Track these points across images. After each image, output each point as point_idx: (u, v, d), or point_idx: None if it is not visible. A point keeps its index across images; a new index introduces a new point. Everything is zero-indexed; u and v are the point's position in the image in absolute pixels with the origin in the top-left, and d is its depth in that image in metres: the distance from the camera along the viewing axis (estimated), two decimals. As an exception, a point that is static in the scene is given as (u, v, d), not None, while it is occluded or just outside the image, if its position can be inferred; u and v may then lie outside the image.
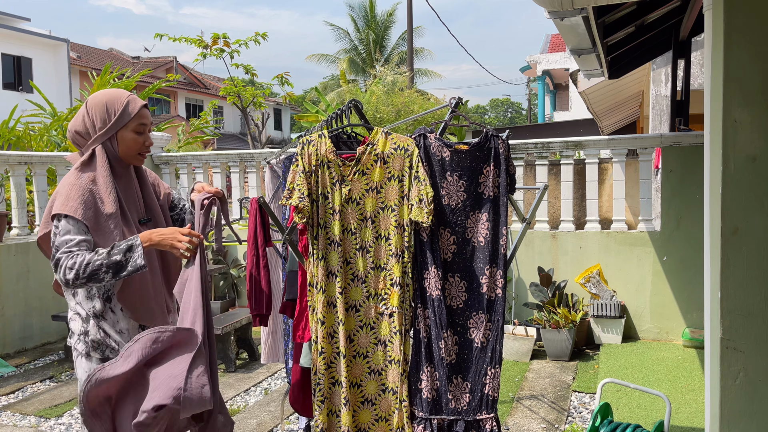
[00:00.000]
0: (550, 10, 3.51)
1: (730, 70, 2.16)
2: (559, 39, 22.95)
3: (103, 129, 2.14)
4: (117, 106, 2.16)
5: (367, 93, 13.07)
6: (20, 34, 23.33)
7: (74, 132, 2.17)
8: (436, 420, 2.58)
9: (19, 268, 5.71)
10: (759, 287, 2.17)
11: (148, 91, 9.69)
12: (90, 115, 2.15)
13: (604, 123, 13.92)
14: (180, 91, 29.95)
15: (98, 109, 2.15)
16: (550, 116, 26.73)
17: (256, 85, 14.41)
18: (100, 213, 2.10)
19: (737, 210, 2.17)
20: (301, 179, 2.52)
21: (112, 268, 2.01)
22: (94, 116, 2.15)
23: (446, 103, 2.82)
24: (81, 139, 2.17)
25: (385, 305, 2.59)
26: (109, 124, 2.14)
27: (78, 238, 2.03)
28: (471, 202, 2.59)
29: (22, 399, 4.50)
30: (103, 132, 2.14)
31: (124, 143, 2.18)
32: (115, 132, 2.16)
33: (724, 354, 2.20)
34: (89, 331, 2.16)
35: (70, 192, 2.06)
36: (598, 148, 5.81)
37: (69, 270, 1.99)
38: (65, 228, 2.03)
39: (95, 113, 2.15)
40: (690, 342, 5.19)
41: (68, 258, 2.00)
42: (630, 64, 6.42)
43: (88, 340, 2.16)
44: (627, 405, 4.02)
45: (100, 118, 2.14)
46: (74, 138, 2.18)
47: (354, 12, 28.07)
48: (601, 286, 5.49)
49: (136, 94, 9.75)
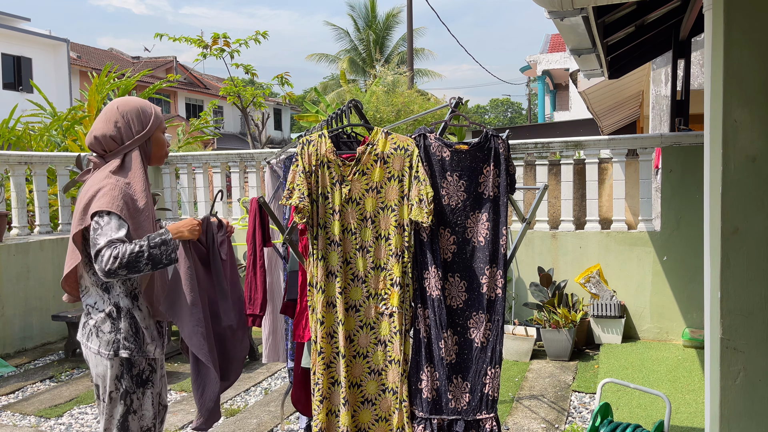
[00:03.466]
0: (550, 10, 3.51)
1: (730, 70, 2.16)
2: (559, 39, 22.95)
3: (141, 132, 2.31)
4: (149, 111, 2.35)
5: (367, 93, 13.07)
6: (20, 34, 23.34)
7: (108, 137, 2.28)
8: (436, 420, 2.58)
9: (19, 268, 5.71)
10: (759, 287, 2.17)
11: (148, 91, 9.68)
12: (126, 120, 2.29)
13: (604, 123, 13.92)
14: (180, 91, 29.95)
15: (134, 114, 2.30)
16: (550, 116, 26.73)
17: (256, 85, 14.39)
18: (138, 211, 2.26)
19: (737, 210, 2.17)
20: (301, 179, 2.52)
21: (151, 260, 2.16)
22: (131, 121, 2.30)
23: (446, 103, 2.82)
24: (113, 144, 2.29)
25: (385, 305, 2.59)
26: (147, 127, 2.32)
27: (121, 233, 2.16)
28: (471, 202, 2.59)
29: (22, 399, 4.50)
30: (141, 135, 2.31)
31: (158, 144, 2.39)
32: (151, 134, 2.35)
33: (724, 354, 2.20)
34: (121, 328, 2.26)
35: (112, 192, 2.19)
36: (598, 148, 5.81)
37: (114, 260, 2.10)
38: (109, 223, 2.16)
39: (131, 118, 2.30)
40: (690, 342, 5.19)
41: (111, 249, 2.11)
42: (630, 64, 6.42)
43: (119, 337, 2.26)
44: (627, 405, 4.02)
45: (137, 122, 2.31)
46: (106, 143, 2.29)
47: (354, 12, 28.09)
48: (601, 286, 5.48)
49: (136, 94, 9.78)
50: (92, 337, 2.28)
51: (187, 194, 7.18)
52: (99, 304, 2.28)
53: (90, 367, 2.33)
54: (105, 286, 2.28)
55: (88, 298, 2.31)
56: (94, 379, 2.33)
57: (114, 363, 2.26)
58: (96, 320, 2.27)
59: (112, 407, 2.28)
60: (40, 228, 6.21)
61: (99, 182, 2.22)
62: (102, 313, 2.27)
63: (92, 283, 2.30)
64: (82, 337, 2.32)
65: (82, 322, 2.34)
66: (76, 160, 6.17)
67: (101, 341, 2.26)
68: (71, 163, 6.44)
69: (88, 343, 2.29)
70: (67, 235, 6.26)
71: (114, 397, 2.28)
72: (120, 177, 2.25)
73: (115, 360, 2.26)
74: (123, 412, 2.28)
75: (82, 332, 2.32)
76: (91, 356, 2.30)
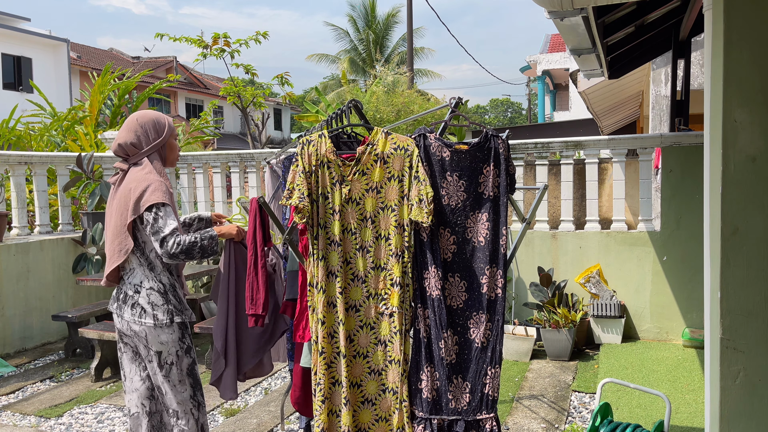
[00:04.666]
0: (550, 10, 3.51)
1: (730, 70, 2.16)
2: (559, 39, 22.95)
3: (158, 139, 2.70)
4: (163, 121, 2.74)
5: (367, 93, 13.07)
6: (20, 34, 23.33)
7: (129, 144, 2.66)
8: (436, 420, 2.58)
9: (19, 268, 5.71)
10: (759, 287, 2.17)
11: (148, 91, 9.68)
12: (144, 130, 2.68)
13: (604, 123, 13.93)
14: (180, 91, 29.94)
15: (151, 125, 2.70)
16: (550, 116, 26.73)
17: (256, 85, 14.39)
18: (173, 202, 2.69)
19: (737, 210, 2.17)
20: (301, 179, 2.52)
21: (202, 250, 2.60)
22: (149, 130, 2.69)
23: (446, 103, 2.83)
24: (133, 149, 2.67)
25: (385, 305, 2.59)
26: (162, 134, 2.71)
27: (177, 222, 2.59)
28: (471, 202, 2.59)
29: (22, 399, 4.50)
30: (158, 141, 2.70)
31: (171, 149, 2.79)
32: (165, 141, 2.73)
33: (724, 354, 2.20)
34: (170, 299, 2.68)
35: (161, 187, 2.59)
36: (598, 148, 5.81)
37: (177, 246, 2.53)
38: (167, 214, 2.57)
39: (149, 128, 2.69)
40: (690, 342, 5.19)
41: (175, 237, 2.54)
42: (630, 64, 6.42)
43: (171, 307, 2.66)
44: (627, 405, 4.02)
45: (153, 131, 2.70)
46: (128, 149, 2.67)
47: (354, 12, 28.09)
48: (601, 286, 5.49)
49: (136, 95, 9.77)
50: (145, 312, 2.63)
51: (187, 194, 7.18)
52: (145, 282, 2.65)
53: (143, 342, 2.66)
54: (151, 266, 2.65)
55: (133, 278, 2.67)
56: (152, 348, 2.65)
57: (174, 328, 2.67)
58: (146, 297, 2.63)
59: (181, 362, 2.70)
60: (40, 228, 6.21)
61: (144, 179, 2.59)
62: (150, 289, 2.64)
63: (138, 264, 2.66)
64: (132, 317, 2.63)
65: (128, 304, 2.65)
66: (76, 160, 6.18)
67: (157, 313, 2.63)
68: (71, 163, 6.44)
69: (141, 320, 2.62)
70: (66, 235, 6.26)
71: (180, 355, 2.69)
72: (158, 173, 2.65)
73: (173, 326, 2.66)
74: (190, 363, 2.75)
75: (131, 313, 2.63)
76: (147, 330, 2.63)
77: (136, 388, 2.78)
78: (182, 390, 2.72)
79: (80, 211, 6.55)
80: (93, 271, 5.98)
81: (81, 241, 6.17)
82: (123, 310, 2.67)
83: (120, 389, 4.63)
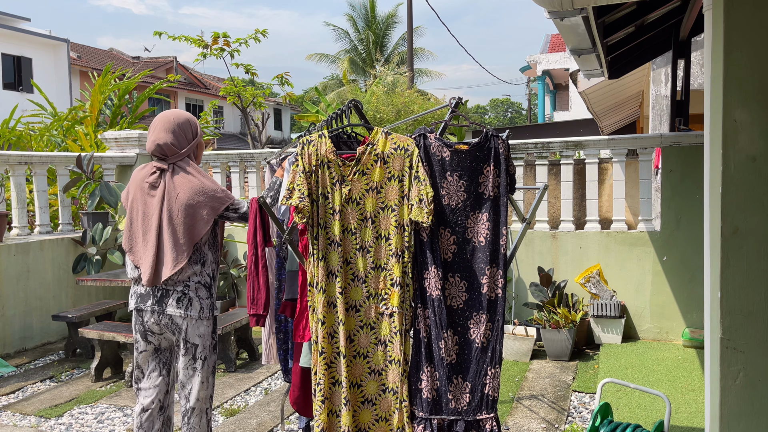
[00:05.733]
0: (550, 10, 3.51)
1: (730, 70, 2.16)
2: (559, 39, 22.95)
3: (194, 139, 2.85)
4: (195, 121, 2.88)
5: (367, 93, 13.07)
6: (20, 34, 23.33)
7: (169, 144, 2.76)
8: (436, 420, 2.58)
9: (19, 268, 5.71)
10: (759, 287, 2.17)
11: (148, 91, 9.69)
12: (182, 129, 2.80)
13: (604, 123, 13.93)
14: (180, 91, 29.94)
15: (188, 125, 2.83)
16: (550, 116, 26.73)
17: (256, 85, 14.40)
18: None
19: (737, 210, 2.17)
20: (301, 179, 2.52)
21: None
22: (186, 130, 2.81)
23: (446, 103, 2.83)
24: (173, 149, 2.78)
25: (386, 305, 2.59)
26: (198, 134, 2.87)
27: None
28: (471, 202, 2.59)
29: (22, 399, 4.50)
30: (195, 141, 2.84)
31: (201, 149, 2.94)
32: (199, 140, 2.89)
33: (724, 354, 2.20)
34: (213, 293, 2.85)
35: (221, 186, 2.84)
36: (598, 148, 5.81)
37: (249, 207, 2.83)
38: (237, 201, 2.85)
39: (186, 129, 2.81)
40: (690, 342, 5.19)
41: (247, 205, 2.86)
42: (630, 64, 6.42)
43: (212, 301, 2.83)
44: (627, 405, 4.02)
45: (191, 132, 2.83)
46: (167, 149, 2.77)
47: (354, 12, 28.08)
48: (601, 286, 5.49)
49: (136, 95, 9.77)
50: (191, 306, 2.75)
51: (187, 194, 7.18)
52: (194, 277, 2.78)
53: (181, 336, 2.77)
54: (203, 261, 2.81)
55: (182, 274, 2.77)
56: (190, 341, 2.76)
57: (211, 322, 2.82)
58: (195, 291, 2.77)
59: (210, 357, 2.83)
60: (40, 228, 6.21)
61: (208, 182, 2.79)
62: (198, 283, 2.78)
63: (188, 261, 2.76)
64: (178, 309, 2.74)
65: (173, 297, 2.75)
66: (76, 160, 6.18)
67: (203, 306, 2.77)
68: (71, 163, 6.44)
69: (188, 312, 2.74)
70: (67, 235, 6.26)
71: (211, 350, 2.83)
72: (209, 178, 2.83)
73: (211, 319, 2.83)
74: (215, 360, 2.87)
75: (177, 306, 2.74)
76: (189, 323, 2.75)
77: (156, 384, 2.86)
78: (207, 387, 2.83)
79: (80, 211, 6.55)
80: (93, 271, 5.98)
81: (81, 241, 6.17)
82: (164, 305, 2.75)
83: (120, 389, 4.63)
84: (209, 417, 2.86)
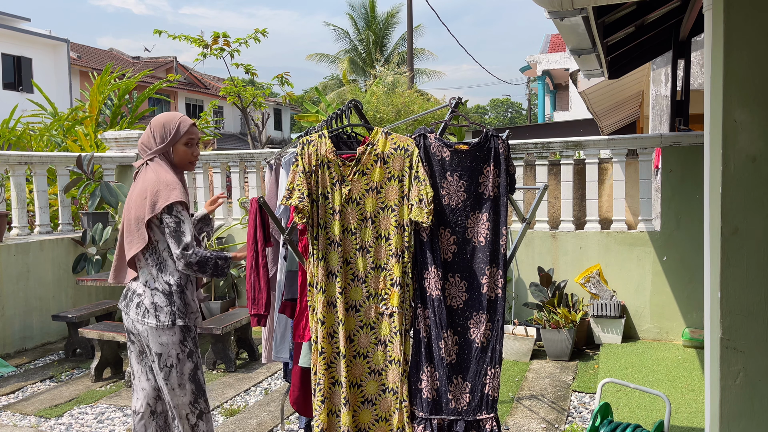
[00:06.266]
0: (550, 10, 3.51)
1: (730, 70, 2.16)
2: (559, 39, 22.95)
3: (162, 143, 2.73)
4: (172, 126, 2.74)
5: (367, 93, 13.07)
6: (20, 34, 23.32)
7: (141, 144, 2.75)
8: (436, 420, 2.58)
9: (19, 268, 5.71)
10: (759, 287, 2.17)
11: (148, 91, 9.69)
12: (152, 133, 2.74)
13: (604, 123, 13.93)
14: (180, 91, 29.93)
15: (158, 128, 2.74)
16: (550, 116, 26.73)
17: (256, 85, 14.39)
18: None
19: (737, 210, 2.17)
20: (301, 179, 2.52)
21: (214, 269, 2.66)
22: (155, 133, 2.73)
23: (446, 103, 2.83)
24: (143, 149, 2.75)
25: (386, 305, 2.59)
26: (167, 139, 2.72)
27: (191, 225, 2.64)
28: (471, 202, 2.59)
29: (22, 399, 4.50)
30: (162, 146, 2.73)
31: (178, 154, 2.77)
32: (171, 145, 2.74)
33: (724, 354, 2.20)
34: (174, 301, 2.67)
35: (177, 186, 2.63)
36: (598, 148, 5.81)
37: (195, 255, 2.60)
38: (186, 217, 2.62)
39: (156, 131, 2.73)
40: (690, 342, 5.19)
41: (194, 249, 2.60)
42: (630, 64, 6.42)
43: (174, 309, 2.66)
44: (627, 405, 4.02)
45: (159, 135, 2.73)
46: (140, 148, 2.76)
47: (354, 12, 28.07)
48: (601, 286, 5.49)
49: (136, 95, 9.77)
50: (148, 313, 2.64)
51: (187, 194, 7.18)
52: (150, 282, 2.67)
53: (146, 342, 2.68)
54: (160, 266, 2.67)
55: (141, 277, 2.69)
56: (152, 350, 2.66)
57: (174, 331, 2.66)
58: (151, 297, 2.65)
59: (181, 366, 2.69)
60: (40, 228, 6.21)
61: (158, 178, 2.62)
62: (155, 290, 2.66)
63: (146, 263, 2.68)
64: (136, 315, 2.65)
65: (134, 302, 2.68)
66: (76, 160, 6.18)
67: (159, 314, 2.63)
68: (71, 163, 6.44)
69: (144, 320, 2.64)
70: (66, 235, 6.26)
71: (181, 358, 2.69)
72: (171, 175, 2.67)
73: (174, 328, 2.66)
74: (192, 368, 2.73)
75: (135, 311, 2.66)
76: (149, 330, 2.65)
77: (143, 387, 2.81)
78: (181, 394, 2.71)
79: (80, 211, 6.55)
80: (93, 271, 5.98)
81: (81, 241, 6.17)
82: (129, 308, 2.70)
83: (120, 389, 4.63)
84: (193, 423, 2.75)
